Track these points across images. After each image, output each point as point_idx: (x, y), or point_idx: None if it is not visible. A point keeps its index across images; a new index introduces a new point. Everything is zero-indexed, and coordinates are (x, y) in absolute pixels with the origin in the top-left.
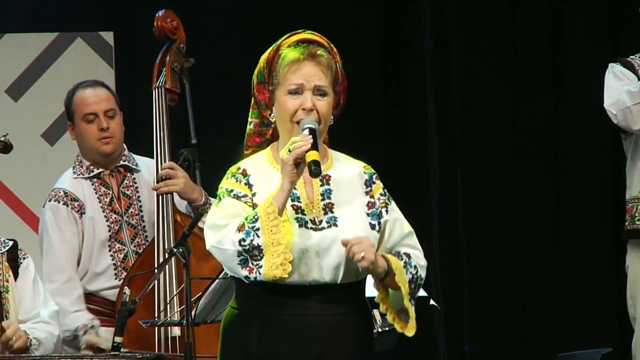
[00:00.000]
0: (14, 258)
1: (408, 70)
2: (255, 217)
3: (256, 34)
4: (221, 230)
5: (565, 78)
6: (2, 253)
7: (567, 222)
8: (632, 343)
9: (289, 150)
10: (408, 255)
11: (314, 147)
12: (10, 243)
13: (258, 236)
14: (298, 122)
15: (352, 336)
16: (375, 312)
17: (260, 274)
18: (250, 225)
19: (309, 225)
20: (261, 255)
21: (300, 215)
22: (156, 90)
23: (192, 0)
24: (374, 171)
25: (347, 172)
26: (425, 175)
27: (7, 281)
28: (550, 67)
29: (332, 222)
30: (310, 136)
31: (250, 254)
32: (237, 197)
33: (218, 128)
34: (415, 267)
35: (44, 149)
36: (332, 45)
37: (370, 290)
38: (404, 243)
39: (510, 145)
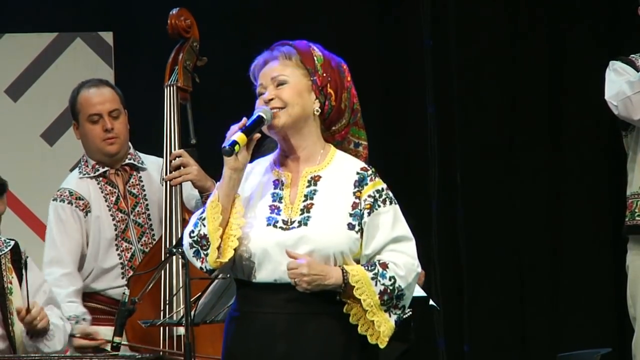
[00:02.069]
0: (17, 259)
1: (408, 70)
2: (204, 208)
3: (256, 34)
4: None
5: (564, 77)
6: (4, 254)
7: (567, 222)
8: (632, 343)
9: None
10: (384, 266)
11: (246, 131)
12: (12, 243)
13: (204, 225)
14: None
15: (322, 336)
16: None
17: (207, 261)
18: (199, 217)
19: (279, 224)
20: (208, 243)
21: (272, 215)
22: (168, 88)
23: (192, 0)
24: (370, 173)
25: (341, 172)
26: (425, 175)
27: (11, 282)
28: (549, 66)
29: (304, 222)
30: (252, 118)
31: (200, 244)
32: None
33: (218, 128)
34: (391, 278)
35: (44, 149)
36: (310, 45)
37: None
38: (390, 248)
39: (510, 145)
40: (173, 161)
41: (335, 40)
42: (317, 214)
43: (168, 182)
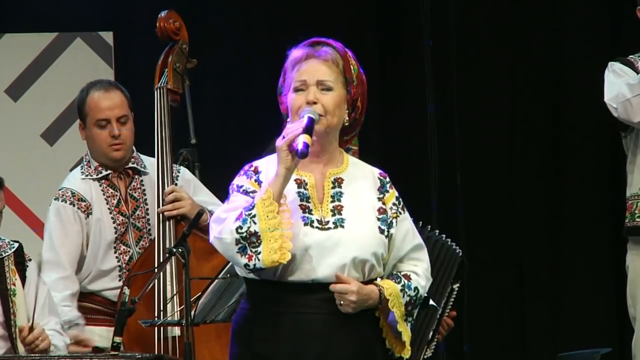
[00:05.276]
0: (21, 261)
1: (408, 70)
2: (252, 204)
3: (256, 34)
4: (223, 222)
5: (564, 77)
6: (8, 256)
7: (567, 222)
8: (632, 343)
9: (283, 137)
10: (408, 277)
11: (308, 131)
12: (16, 245)
13: (255, 223)
14: None
15: (354, 337)
16: None
17: (259, 260)
18: (247, 213)
19: (315, 224)
20: (259, 241)
21: (307, 215)
22: (158, 90)
23: (192, 0)
24: (388, 180)
25: (362, 176)
26: (425, 175)
27: (14, 285)
28: (550, 66)
29: (339, 224)
30: (305, 119)
31: (248, 241)
32: (246, 193)
33: (218, 128)
34: (415, 289)
35: (44, 149)
36: (346, 50)
37: None
38: (411, 257)
39: (510, 145)
40: (168, 195)
41: (335, 40)
42: (350, 216)
43: (161, 214)
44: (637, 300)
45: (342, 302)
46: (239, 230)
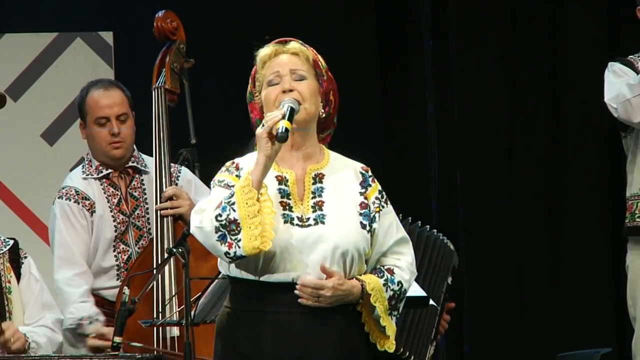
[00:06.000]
0: (15, 258)
1: (408, 70)
2: (232, 193)
3: (255, 34)
4: (203, 212)
5: (564, 78)
6: (3, 253)
7: (567, 222)
8: (631, 343)
9: (263, 125)
10: (391, 271)
11: (287, 118)
12: (11, 242)
13: (234, 210)
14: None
15: (336, 336)
16: None
17: (239, 247)
18: (226, 201)
19: (295, 221)
20: (239, 229)
21: (287, 212)
22: (156, 90)
23: (191, 1)
24: (371, 173)
25: (343, 171)
26: (424, 176)
27: (9, 282)
28: (549, 66)
29: (320, 220)
30: (285, 108)
31: (228, 228)
32: (228, 186)
33: (217, 128)
34: (398, 282)
35: (44, 149)
36: (308, 46)
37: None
38: (394, 250)
39: (510, 145)
40: (166, 192)
41: (335, 40)
42: (331, 212)
43: (159, 210)
44: (637, 300)
45: (317, 298)
46: (219, 218)
